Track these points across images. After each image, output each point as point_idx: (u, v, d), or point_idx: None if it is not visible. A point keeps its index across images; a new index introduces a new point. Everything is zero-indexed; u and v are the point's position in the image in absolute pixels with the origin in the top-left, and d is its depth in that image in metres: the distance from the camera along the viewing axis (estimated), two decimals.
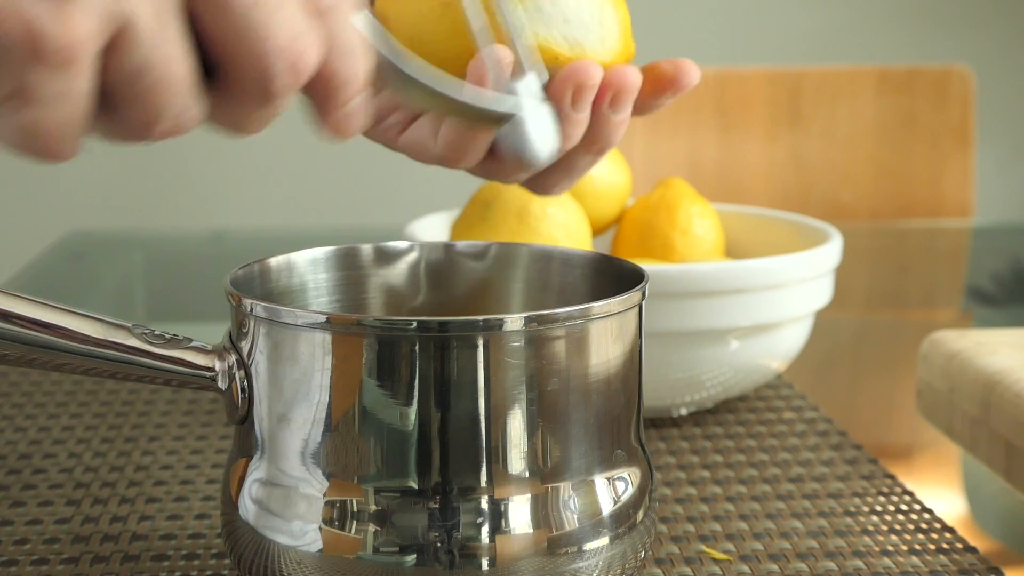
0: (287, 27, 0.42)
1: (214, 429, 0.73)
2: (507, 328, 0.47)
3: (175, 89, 0.41)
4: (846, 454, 0.69)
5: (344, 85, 0.45)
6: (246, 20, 0.41)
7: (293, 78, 0.43)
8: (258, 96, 0.43)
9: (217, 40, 0.42)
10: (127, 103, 0.41)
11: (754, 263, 0.72)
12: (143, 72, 0.40)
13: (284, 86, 0.43)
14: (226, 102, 0.44)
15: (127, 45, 0.40)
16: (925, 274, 1.29)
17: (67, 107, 0.40)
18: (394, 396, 0.47)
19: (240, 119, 0.45)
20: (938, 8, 2.45)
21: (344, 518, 0.47)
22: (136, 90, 0.41)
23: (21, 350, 0.48)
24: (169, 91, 0.41)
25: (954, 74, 1.57)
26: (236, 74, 0.43)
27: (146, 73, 0.40)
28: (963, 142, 1.57)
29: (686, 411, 0.75)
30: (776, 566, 0.57)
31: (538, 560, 0.47)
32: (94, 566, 0.56)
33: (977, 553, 0.58)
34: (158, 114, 0.42)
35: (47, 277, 1.21)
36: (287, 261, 0.56)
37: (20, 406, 0.76)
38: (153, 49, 0.40)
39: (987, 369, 0.74)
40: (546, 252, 0.58)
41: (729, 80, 1.56)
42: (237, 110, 0.44)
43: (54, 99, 0.39)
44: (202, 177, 2.35)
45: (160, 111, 0.42)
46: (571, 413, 0.48)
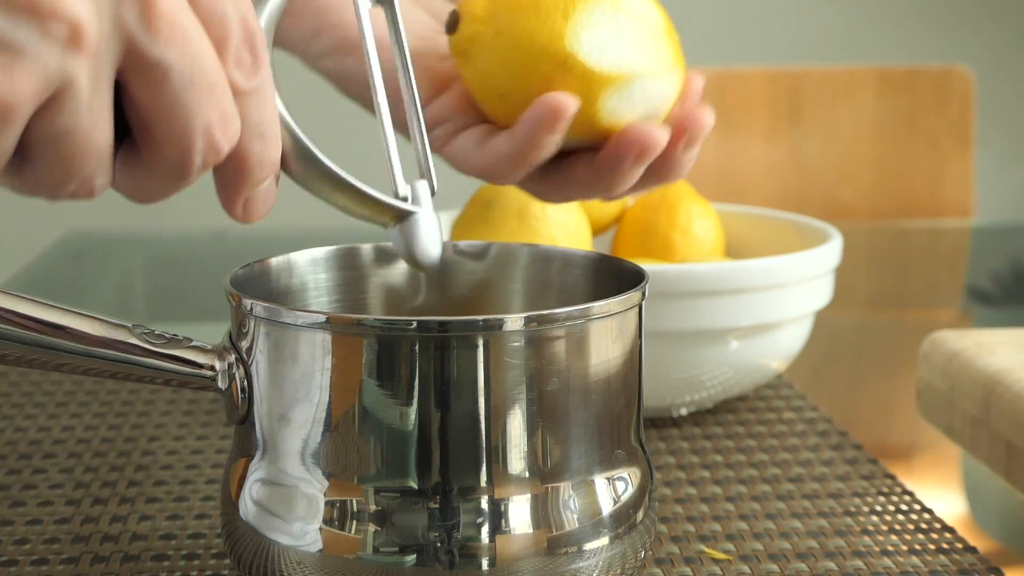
0: (216, 109, 0.42)
1: (214, 429, 0.73)
2: (507, 328, 0.47)
3: (92, 156, 0.41)
4: (846, 454, 0.69)
5: (256, 167, 0.45)
6: (178, 97, 0.41)
7: (212, 158, 0.43)
8: (173, 171, 0.43)
9: (143, 111, 0.42)
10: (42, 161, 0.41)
11: (754, 263, 0.72)
12: (67, 136, 0.40)
13: (200, 165, 0.43)
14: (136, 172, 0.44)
15: (59, 108, 0.40)
16: (925, 274, 1.29)
17: None
18: (394, 396, 0.47)
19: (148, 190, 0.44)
20: (938, 8, 2.45)
21: (344, 518, 0.47)
22: (55, 152, 0.41)
23: (21, 350, 0.48)
24: (86, 157, 0.41)
25: (954, 74, 1.57)
26: (154, 147, 0.42)
27: (70, 137, 0.40)
28: (963, 142, 1.57)
29: (686, 411, 0.75)
30: (776, 566, 0.57)
31: (538, 560, 0.47)
32: (94, 566, 0.56)
33: (977, 553, 0.58)
34: (68, 177, 0.41)
35: (47, 277, 1.21)
36: (287, 261, 0.56)
37: (20, 406, 0.76)
38: (82, 115, 0.40)
39: (987, 369, 0.74)
40: (546, 252, 0.58)
41: (729, 80, 1.56)
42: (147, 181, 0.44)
43: None
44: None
45: (73, 175, 0.41)
46: (571, 413, 0.48)
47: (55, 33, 0.39)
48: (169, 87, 0.41)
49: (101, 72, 0.40)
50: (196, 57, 0.41)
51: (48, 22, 0.38)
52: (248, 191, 0.45)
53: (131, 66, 0.41)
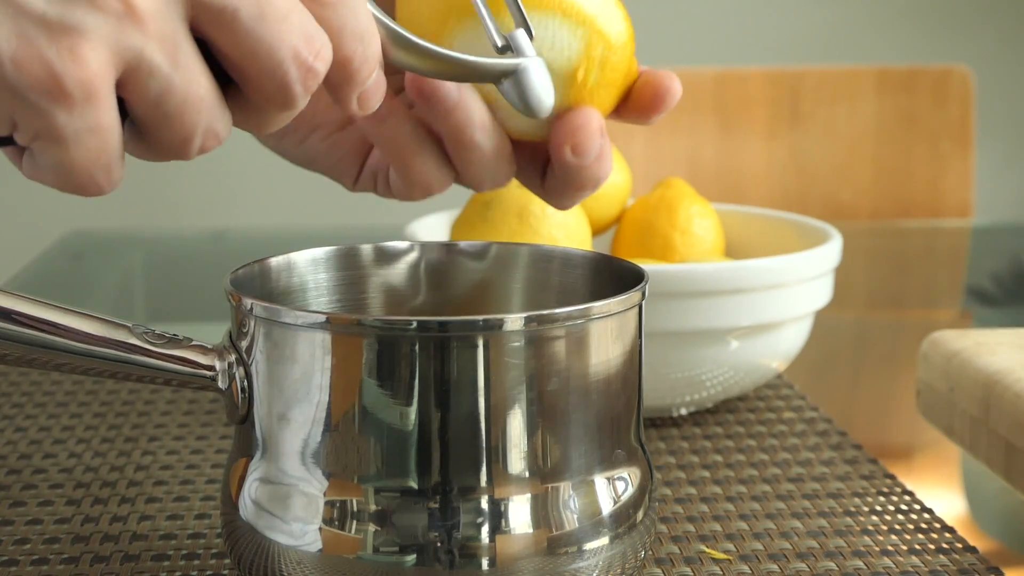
0: (296, 33, 0.43)
1: (214, 429, 0.73)
2: (507, 328, 0.47)
3: (199, 107, 0.43)
4: (846, 454, 0.69)
5: (360, 67, 0.46)
6: (255, 35, 0.42)
7: (312, 80, 0.44)
8: (279, 102, 0.44)
9: (231, 57, 0.43)
10: (157, 128, 0.43)
11: (754, 263, 0.72)
12: (165, 97, 0.42)
13: (303, 89, 0.44)
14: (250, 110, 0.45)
15: (144, 75, 0.41)
16: (925, 274, 1.29)
17: (96, 141, 0.41)
18: (394, 396, 0.47)
19: (266, 123, 0.46)
20: (938, 8, 2.45)
21: (344, 518, 0.47)
22: (163, 114, 0.42)
23: (21, 350, 0.48)
24: (194, 111, 0.42)
25: (954, 74, 1.57)
26: (255, 86, 0.44)
27: (168, 97, 0.42)
28: (963, 142, 1.57)
29: (686, 411, 0.75)
30: (776, 566, 0.57)
31: (538, 560, 0.47)
32: (94, 566, 0.56)
33: (977, 553, 0.58)
34: (189, 133, 0.43)
35: (47, 277, 1.21)
36: (287, 261, 0.56)
37: (20, 406, 0.76)
38: (170, 75, 0.41)
39: (987, 369, 0.74)
40: (546, 252, 0.58)
41: (729, 80, 1.56)
42: (261, 116, 0.45)
43: (81, 135, 0.41)
44: (202, 177, 2.35)
45: (189, 131, 0.43)
46: (571, 413, 0.48)
47: (108, 7, 0.40)
48: (242, 27, 0.42)
49: (171, 30, 0.41)
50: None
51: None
52: (358, 89, 0.47)
53: (200, 16, 0.42)
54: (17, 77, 0.39)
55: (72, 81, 0.40)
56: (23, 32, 0.39)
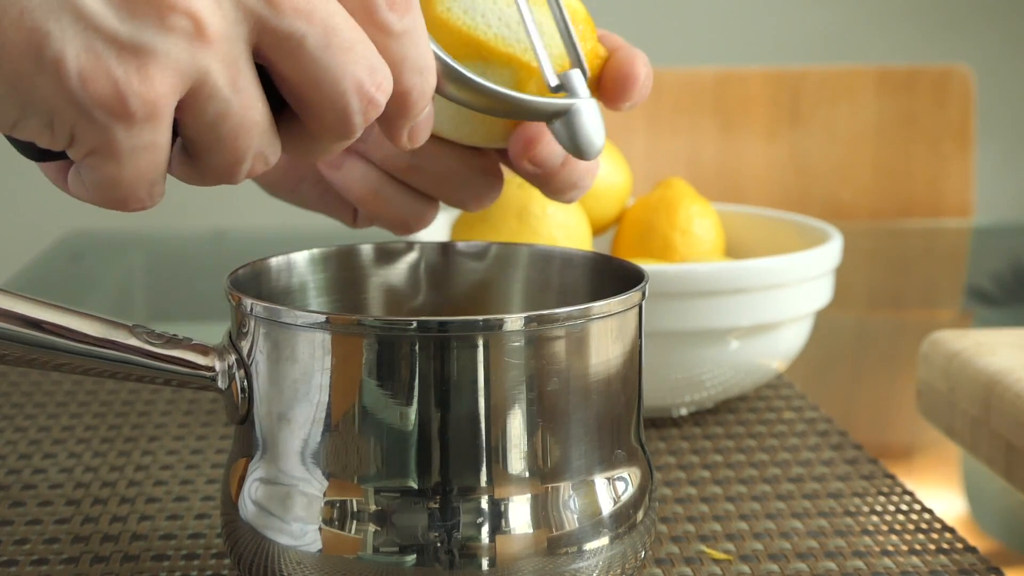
0: (361, 65, 0.43)
1: (214, 429, 0.73)
2: (507, 328, 0.47)
3: (253, 133, 0.43)
4: (846, 454, 0.69)
5: (417, 100, 0.46)
6: (320, 64, 0.42)
7: (373, 112, 0.44)
8: (337, 132, 0.44)
9: (292, 84, 0.43)
10: (208, 150, 0.43)
11: (754, 263, 0.72)
12: (221, 121, 0.42)
13: (363, 120, 0.44)
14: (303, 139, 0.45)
15: (204, 97, 0.41)
16: (925, 274, 1.29)
17: (147, 159, 0.42)
18: (394, 396, 0.47)
19: (317, 151, 0.46)
20: (938, 8, 2.45)
21: (344, 518, 0.47)
22: (216, 138, 0.42)
23: (21, 350, 0.48)
24: (247, 136, 0.43)
25: (954, 74, 1.57)
26: (314, 115, 0.44)
27: (224, 121, 0.42)
28: (963, 142, 1.57)
29: (686, 411, 0.75)
30: (776, 566, 0.57)
31: (538, 560, 0.47)
32: (94, 566, 0.56)
33: (977, 553, 0.58)
34: (239, 158, 0.43)
35: (47, 277, 1.21)
36: (287, 261, 0.56)
37: (20, 406, 0.76)
38: (229, 98, 0.42)
39: (987, 369, 0.74)
40: (546, 252, 0.58)
41: (729, 80, 1.56)
42: (314, 145, 0.46)
43: (135, 152, 0.41)
44: None
45: (240, 155, 0.43)
46: (571, 413, 0.48)
47: (179, 28, 0.40)
48: (308, 55, 0.42)
49: (235, 55, 0.41)
50: (327, 21, 0.42)
51: (169, 18, 0.40)
52: (411, 122, 0.47)
53: (265, 42, 0.42)
54: (84, 92, 0.40)
55: (137, 101, 0.40)
56: (94, 49, 0.40)
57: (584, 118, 0.51)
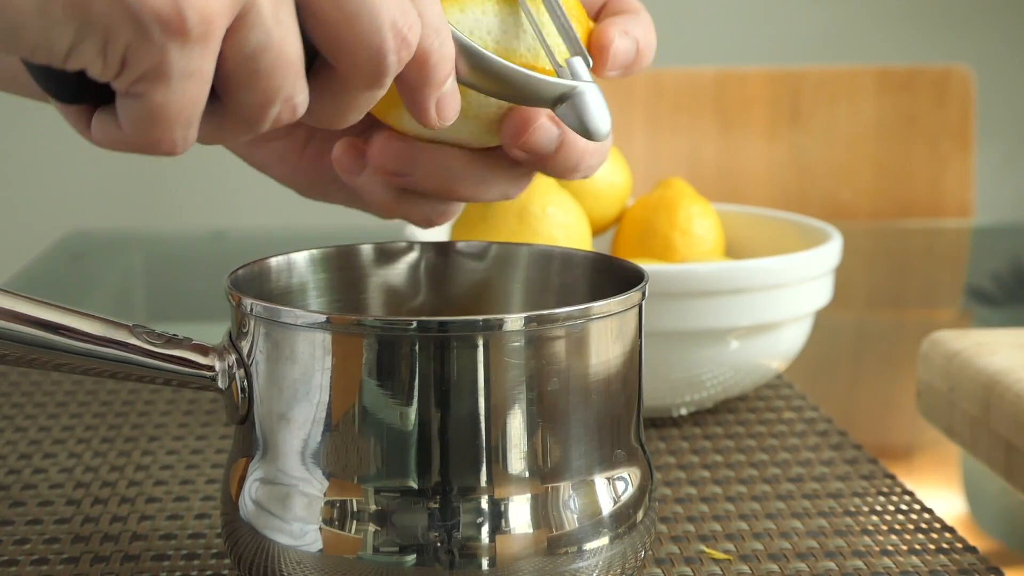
0: (394, 3, 0.43)
1: (214, 429, 0.73)
2: (507, 328, 0.47)
3: (288, 71, 0.43)
4: (846, 454, 0.69)
5: (439, 63, 0.46)
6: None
7: (405, 53, 0.44)
8: (369, 77, 0.44)
9: (328, 21, 0.43)
10: (242, 86, 0.43)
11: (754, 263, 0.72)
12: (260, 52, 0.42)
13: (395, 62, 0.44)
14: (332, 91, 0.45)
15: (249, 25, 0.41)
16: (925, 274, 1.29)
17: (193, 87, 0.41)
18: (394, 396, 0.47)
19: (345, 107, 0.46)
20: (938, 8, 2.45)
21: (344, 518, 0.47)
22: (252, 71, 0.42)
23: (21, 350, 0.48)
24: (283, 72, 0.42)
25: (954, 74, 1.57)
26: (347, 55, 0.44)
27: (263, 53, 0.42)
28: (963, 142, 1.57)
29: (686, 411, 0.75)
30: (776, 566, 0.57)
31: (538, 560, 0.47)
32: (94, 566, 0.56)
33: (977, 553, 0.58)
34: (270, 97, 0.43)
35: (47, 277, 1.21)
36: (287, 261, 0.56)
37: (20, 406, 0.76)
38: (271, 30, 0.42)
39: (987, 369, 0.74)
40: (546, 252, 0.58)
41: (729, 80, 1.56)
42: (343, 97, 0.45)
43: (184, 77, 0.41)
44: (202, 177, 2.35)
45: (273, 94, 0.43)
46: (571, 413, 0.48)
47: None
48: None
49: None
50: None
51: None
52: (437, 91, 0.47)
53: None
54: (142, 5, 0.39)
55: (195, 16, 0.40)
56: None
57: (589, 99, 0.51)
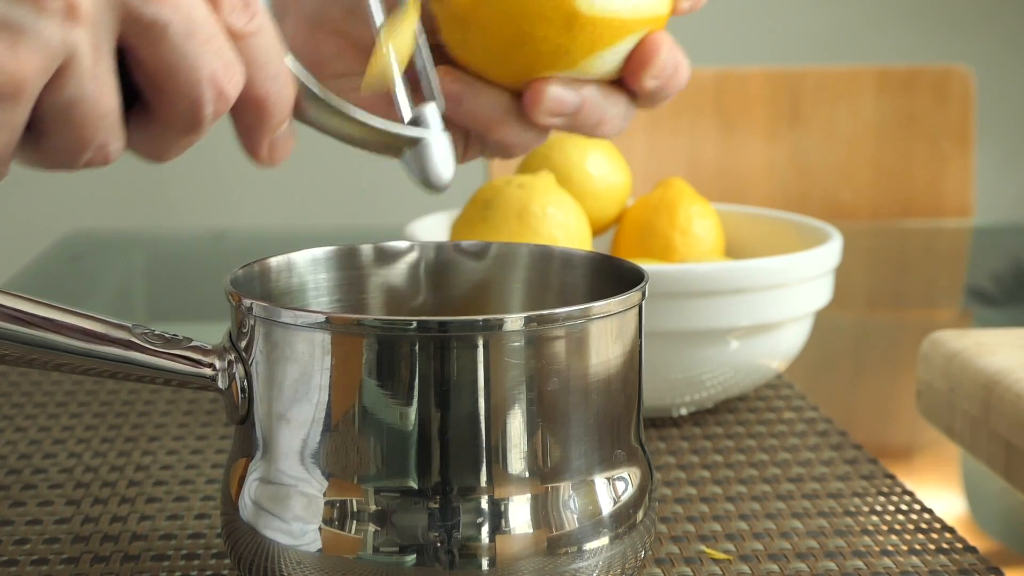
0: (217, 57, 0.44)
1: (214, 429, 0.73)
2: (507, 328, 0.47)
3: (103, 122, 0.43)
4: (846, 454, 0.69)
5: (273, 110, 0.46)
6: (180, 52, 0.43)
7: (222, 105, 0.44)
8: (186, 124, 0.45)
9: (149, 71, 0.43)
10: (55, 133, 0.43)
11: (754, 263, 0.72)
12: (75, 105, 0.42)
13: (212, 113, 0.44)
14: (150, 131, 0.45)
15: (65, 79, 0.41)
16: (925, 274, 1.29)
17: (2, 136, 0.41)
18: (394, 396, 0.47)
19: (163, 147, 0.46)
20: (938, 8, 2.45)
21: (344, 518, 0.47)
22: (66, 121, 0.42)
23: (21, 350, 0.48)
24: (97, 123, 0.43)
25: (954, 74, 1.57)
26: (165, 103, 0.44)
27: (78, 106, 0.42)
28: (963, 142, 1.57)
29: (686, 411, 0.75)
30: (776, 566, 0.57)
31: (538, 560, 0.47)
32: (94, 566, 0.56)
33: (977, 553, 0.58)
34: (83, 145, 0.43)
35: (47, 277, 1.21)
36: (287, 261, 0.56)
37: (20, 406, 0.76)
38: (87, 83, 0.42)
39: (987, 369, 0.74)
40: (546, 252, 0.58)
41: (729, 80, 1.56)
42: (161, 138, 0.46)
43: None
44: (202, 177, 2.35)
45: (86, 142, 0.43)
46: (571, 413, 0.48)
47: (52, 8, 0.40)
48: (169, 43, 0.43)
49: (101, 40, 0.42)
50: (190, 11, 0.43)
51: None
52: (270, 134, 0.47)
53: (130, 29, 0.42)
54: None
55: (4, 78, 0.40)
56: None
57: (434, 150, 0.52)
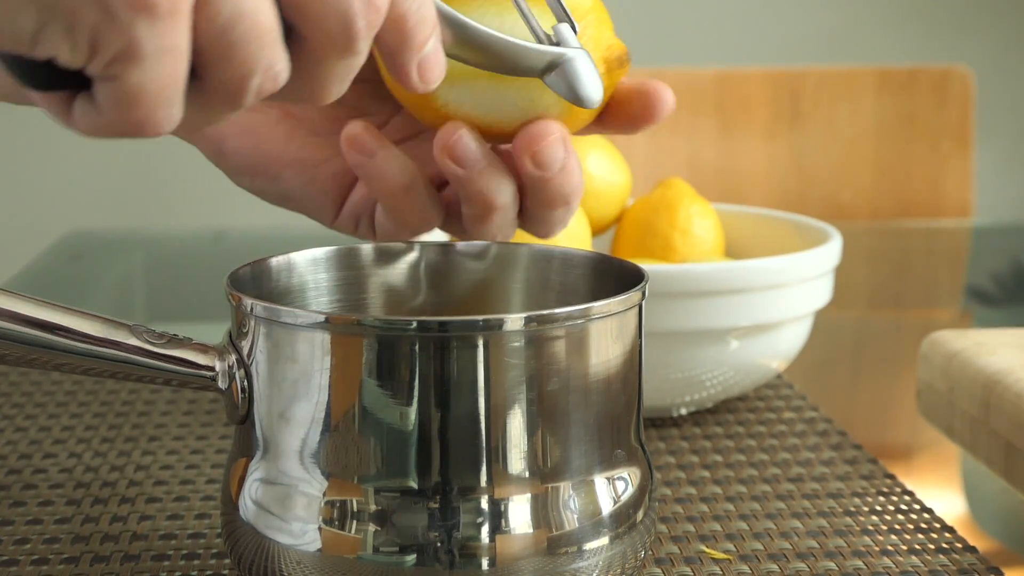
0: None
1: (214, 429, 0.73)
2: (507, 328, 0.47)
3: (264, 39, 0.42)
4: (846, 454, 0.69)
5: (417, 26, 0.45)
6: None
7: (374, 15, 0.43)
8: (342, 43, 0.44)
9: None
10: (219, 60, 0.42)
11: (754, 263, 0.72)
12: (233, 23, 0.41)
13: (366, 26, 0.43)
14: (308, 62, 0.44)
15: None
16: (925, 274, 1.29)
17: (171, 64, 0.40)
18: (394, 396, 0.47)
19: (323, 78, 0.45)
20: (938, 8, 2.45)
21: (344, 518, 0.47)
22: (228, 43, 0.41)
23: (21, 350, 0.48)
24: (259, 41, 0.42)
25: (954, 74, 1.57)
26: (318, 22, 0.43)
27: (236, 24, 0.41)
28: (963, 142, 1.57)
29: (686, 411, 0.75)
30: (776, 566, 0.57)
31: (538, 560, 0.47)
32: (94, 566, 0.56)
33: (977, 553, 0.58)
34: (250, 68, 0.42)
35: (47, 277, 1.21)
36: (287, 261, 0.56)
37: (20, 406, 0.76)
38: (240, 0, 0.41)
39: (987, 369, 0.74)
40: (546, 252, 0.58)
41: (729, 80, 1.56)
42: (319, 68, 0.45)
43: (159, 55, 0.40)
44: (202, 177, 2.34)
45: (252, 65, 0.42)
46: (571, 413, 0.48)
47: None
48: None
49: None
50: None
51: None
52: (417, 54, 0.46)
53: None
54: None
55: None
56: None
57: (579, 65, 0.51)
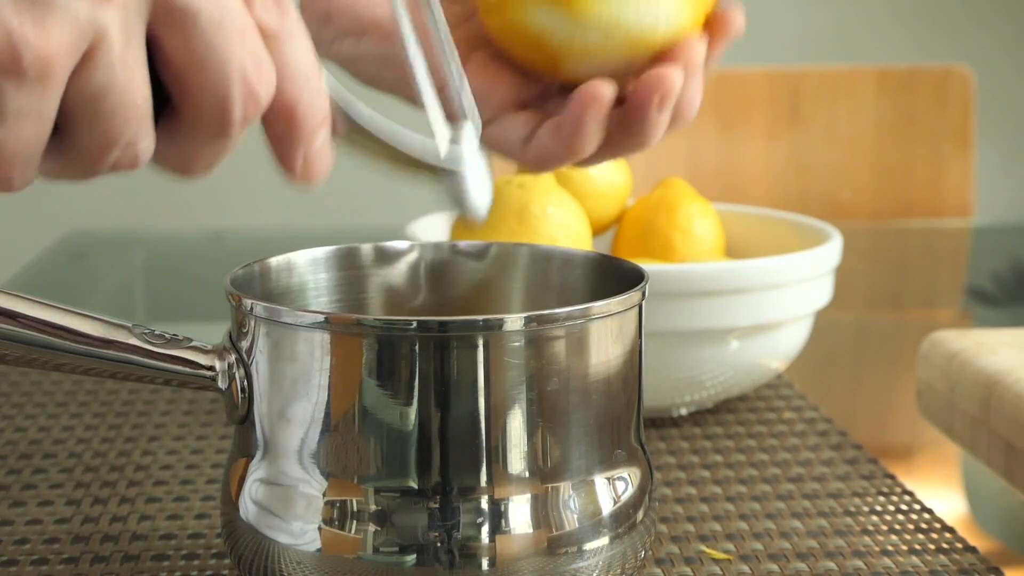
0: (248, 53, 0.41)
1: (214, 429, 0.73)
2: (507, 328, 0.47)
3: (131, 115, 0.40)
4: (846, 454, 0.69)
5: (307, 116, 0.43)
6: (210, 43, 0.41)
7: (252, 106, 0.42)
8: (215, 126, 0.42)
9: (177, 63, 0.41)
10: (83, 127, 0.40)
11: (754, 263, 0.72)
12: (105, 93, 0.40)
13: (242, 114, 0.42)
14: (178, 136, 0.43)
15: (95, 63, 0.39)
16: (925, 274, 1.29)
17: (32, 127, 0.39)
18: (394, 396, 0.47)
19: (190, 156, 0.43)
20: (938, 8, 2.45)
21: (344, 518, 0.47)
22: (95, 113, 0.40)
23: (21, 350, 0.48)
24: (127, 115, 0.40)
25: (954, 74, 1.57)
26: (193, 101, 0.42)
27: (107, 94, 0.40)
28: (963, 142, 1.57)
29: (686, 411, 0.75)
30: (776, 566, 0.57)
31: (538, 560, 0.47)
32: (94, 566, 0.56)
33: (977, 553, 0.58)
34: (112, 140, 0.41)
35: (47, 277, 1.21)
36: (287, 261, 0.56)
37: (20, 406, 0.76)
38: (117, 70, 0.40)
39: (987, 369, 0.74)
40: (546, 252, 0.58)
41: (729, 80, 1.56)
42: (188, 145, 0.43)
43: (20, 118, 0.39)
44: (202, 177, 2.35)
45: (114, 137, 0.41)
46: (571, 413, 0.48)
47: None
48: (199, 32, 0.40)
49: (131, 23, 0.40)
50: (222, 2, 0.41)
51: None
52: (304, 145, 0.44)
53: (161, 16, 0.40)
54: None
55: (32, 56, 0.37)
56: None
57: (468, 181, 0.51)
